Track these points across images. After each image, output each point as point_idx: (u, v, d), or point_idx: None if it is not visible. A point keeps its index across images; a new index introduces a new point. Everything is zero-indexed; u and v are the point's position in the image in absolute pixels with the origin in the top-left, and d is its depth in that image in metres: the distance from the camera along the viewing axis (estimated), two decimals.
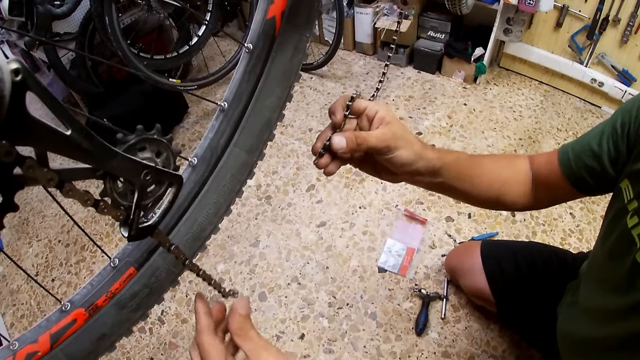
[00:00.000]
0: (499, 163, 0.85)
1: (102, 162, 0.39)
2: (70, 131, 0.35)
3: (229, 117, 0.67)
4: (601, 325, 0.76)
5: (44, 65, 2.31)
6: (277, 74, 0.68)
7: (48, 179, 0.36)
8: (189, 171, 0.68)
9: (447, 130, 2.19)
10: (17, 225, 2.03)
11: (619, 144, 0.71)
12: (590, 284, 0.87)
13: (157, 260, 0.66)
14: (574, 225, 1.72)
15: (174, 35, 2.55)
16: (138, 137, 0.43)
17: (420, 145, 0.67)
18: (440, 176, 0.72)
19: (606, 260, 0.78)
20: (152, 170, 0.43)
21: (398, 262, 1.63)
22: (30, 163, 0.34)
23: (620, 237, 0.71)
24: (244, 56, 0.66)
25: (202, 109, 2.53)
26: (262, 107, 0.69)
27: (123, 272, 0.63)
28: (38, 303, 1.71)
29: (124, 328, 0.67)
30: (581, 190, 0.80)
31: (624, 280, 0.69)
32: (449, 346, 1.41)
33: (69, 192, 0.38)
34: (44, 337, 0.56)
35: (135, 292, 0.65)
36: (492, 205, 0.87)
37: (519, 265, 1.22)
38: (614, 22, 2.02)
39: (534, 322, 1.16)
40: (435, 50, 2.49)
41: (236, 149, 0.69)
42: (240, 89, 0.66)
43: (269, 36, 0.64)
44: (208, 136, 0.68)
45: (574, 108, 2.32)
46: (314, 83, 2.63)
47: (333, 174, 0.65)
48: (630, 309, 0.68)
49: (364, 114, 0.64)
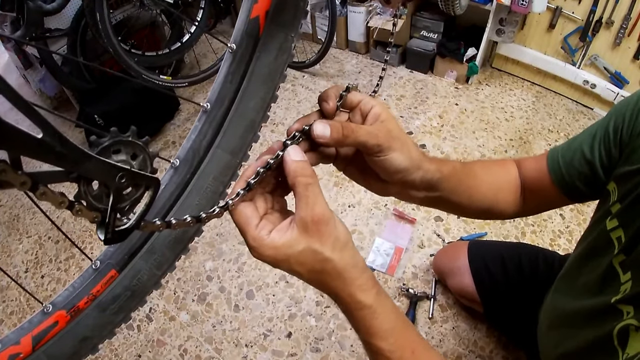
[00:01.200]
0: (490, 170, 0.80)
1: (75, 165, 0.38)
2: (42, 134, 0.34)
3: (211, 119, 0.66)
4: (573, 329, 0.75)
5: (36, 61, 2.30)
6: (261, 75, 0.67)
7: (21, 182, 0.35)
8: (171, 173, 0.67)
9: (438, 130, 2.20)
10: (7, 221, 2.03)
11: (611, 148, 0.69)
12: (564, 286, 0.86)
13: (139, 263, 0.66)
14: (563, 227, 1.73)
15: (166, 33, 2.54)
16: (112, 139, 0.42)
17: (418, 152, 0.58)
18: (437, 190, 0.63)
19: (581, 262, 0.77)
20: (127, 173, 0.43)
21: (386, 262, 1.63)
22: (3, 167, 0.33)
23: (598, 239, 0.71)
24: (227, 57, 0.65)
25: (194, 106, 2.52)
26: (246, 109, 0.68)
27: (104, 274, 0.63)
28: (27, 299, 1.70)
29: (106, 331, 0.67)
30: (573, 197, 0.77)
31: (597, 283, 0.69)
32: (436, 346, 1.42)
33: (43, 194, 0.38)
34: (26, 339, 0.56)
35: (117, 295, 0.65)
36: (481, 216, 0.81)
37: (506, 266, 1.22)
38: (607, 24, 2.03)
39: (520, 323, 1.16)
40: (428, 50, 2.49)
41: (219, 150, 0.68)
42: (223, 90, 0.65)
43: (252, 36, 0.63)
44: (190, 137, 0.67)
45: (565, 109, 2.32)
46: (305, 81, 2.63)
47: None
48: (597, 312, 0.67)
49: (357, 108, 0.56)
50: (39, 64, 2.30)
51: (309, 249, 0.49)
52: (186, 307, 1.59)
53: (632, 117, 0.66)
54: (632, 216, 0.63)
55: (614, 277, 0.65)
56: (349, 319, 0.54)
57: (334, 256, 0.50)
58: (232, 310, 1.56)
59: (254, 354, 1.44)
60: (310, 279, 0.51)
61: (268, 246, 0.49)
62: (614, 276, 0.65)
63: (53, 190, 0.39)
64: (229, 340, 1.48)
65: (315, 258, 0.49)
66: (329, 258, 0.50)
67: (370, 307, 0.51)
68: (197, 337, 1.50)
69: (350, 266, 0.51)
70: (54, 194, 0.39)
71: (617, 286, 0.64)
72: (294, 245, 0.49)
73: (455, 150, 2.08)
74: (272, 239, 0.49)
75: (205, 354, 1.46)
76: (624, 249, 0.64)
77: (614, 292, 0.64)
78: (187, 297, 1.61)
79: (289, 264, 0.49)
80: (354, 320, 0.53)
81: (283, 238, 0.49)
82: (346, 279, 0.51)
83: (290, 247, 0.49)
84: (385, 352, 0.51)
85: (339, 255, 0.50)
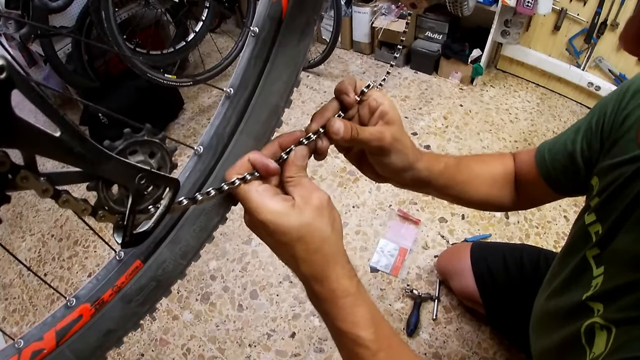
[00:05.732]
0: (486, 164, 0.82)
1: (94, 165, 0.37)
2: (59, 133, 0.33)
3: (235, 104, 0.65)
4: (550, 326, 0.74)
5: (41, 59, 2.30)
6: (284, 59, 0.65)
7: (43, 190, 0.34)
8: (195, 160, 0.66)
9: (442, 131, 2.19)
10: (10, 219, 2.02)
11: (593, 141, 0.69)
12: (547, 285, 0.85)
13: (164, 252, 0.66)
14: (567, 228, 1.73)
15: (171, 32, 2.54)
16: (127, 141, 0.41)
17: (413, 153, 0.62)
18: (426, 187, 0.69)
19: (562, 259, 0.77)
20: (147, 173, 0.42)
21: (390, 262, 1.63)
22: (24, 174, 0.32)
23: (577, 234, 0.71)
24: (249, 41, 0.63)
25: (198, 105, 2.52)
26: (270, 93, 0.66)
27: (129, 265, 0.63)
28: (30, 297, 1.70)
29: (130, 323, 0.66)
30: (557, 190, 0.78)
31: (570, 277, 0.68)
32: (439, 347, 1.42)
33: (65, 202, 0.37)
34: (50, 334, 0.55)
35: (142, 286, 0.64)
36: (480, 207, 0.85)
37: (508, 268, 1.21)
38: (612, 27, 2.02)
39: (521, 326, 1.16)
40: (433, 51, 2.49)
41: (243, 136, 0.67)
42: (246, 74, 0.63)
43: (275, 19, 0.62)
44: (214, 123, 0.66)
45: (570, 111, 2.32)
46: (310, 81, 2.63)
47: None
48: (568, 310, 0.67)
49: (366, 102, 0.59)
50: (43, 62, 2.30)
51: (312, 224, 0.48)
52: (189, 306, 1.58)
53: (613, 111, 0.66)
54: (610, 210, 0.63)
55: (586, 270, 0.65)
56: (326, 308, 0.52)
57: (332, 236, 0.50)
58: (235, 310, 1.56)
59: (258, 353, 1.44)
60: (301, 257, 0.49)
61: (268, 209, 0.48)
62: (586, 270, 0.65)
63: (76, 197, 0.38)
64: (232, 339, 1.48)
65: (316, 235, 0.49)
66: (328, 238, 0.49)
67: (354, 294, 0.50)
68: (201, 336, 1.50)
69: (342, 251, 0.51)
70: (77, 201, 0.38)
71: (588, 280, 0.63)
72: (297, 216, 0.48)
73: (459, 152, 2.08)
74: (275, 202, 0.48)
75: (208, 353, 1.45)
76: (599, 243, 0.64)
77: (585, 286, 0.63)
78: (190, 296, 1.61)
79: (283, 235, 0.48)
80: (336, 308, 0.51)
81: (286, 205, 0.48)
82: (337, 262, 0.50)
83: (292, 217, 0.48)
84: (367, 341, 0.50)
85: (336, 237, 0.50)
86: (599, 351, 0.56)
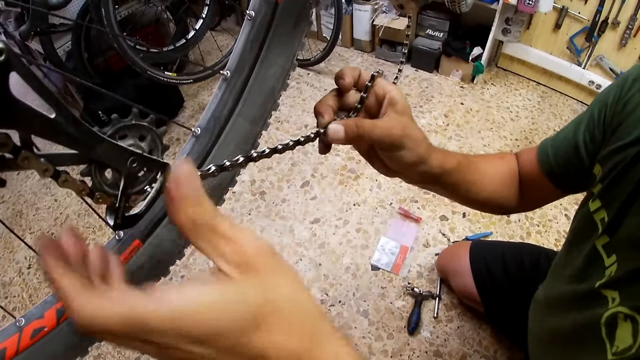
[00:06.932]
0: (492, 164, 0.80)
1: (87, 147, 0.38)
2: (54, 114, 0.34)
3: (231, 87, 0.66)
4: (557, 316, 0.74)
5: (40, 57, 2.29)
6: (280, 42, 0.66)
7: (44, 170, 0.36)
8: (193, 141, 0.67)
9: (443, 129, 2.19)
10: (10, 217, 2.02)
11: (595, 132, 0.68)
12: (552, 276, 0.84)
13: (162, 232, 0.66)
14: (568, 227, 1.72)
15: (171, 29, 2.53)
16: (114, 126, 0.42)
17: (425, 146, 0.59)
18: (437, 183, 0.65)
19: (567, 249, 0.76)
20: (139, 157, 0.42)
21: (391, 261, 1.63)
22: (26, 155, 0.33)
23: (582, 222, 0.69)
24: (246, 24, 0.64)
25: (198, 103, 2.52)
26: (266, 76, 0.67)
27: (128, 244, 0.63)
28: (30, 295, 1.70)
29: None
30: (561, 187, 0.76)
31: (581, 269, 0.67)
32: (440, 345, 1.41)
33: (65, 182, 0.38)
34: (50, 313, 0.56)
35: (141, 265, 0.65)
36: (484, 207, 0.82)
37: (507, 267, 1.21)
38: (613, 25, 2.02)
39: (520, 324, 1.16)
40: (433, 48, 2.48)
41: (240, 118, 0.68)
42: (242, 57, 0.64)
43: (270, 3, 0.62)
44: (211, 106, 0.67)
45: (571, 110, 2.32)
46: (310, 79, 2.62)
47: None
48: (581, 297, 0.66)
49: (372, 90, 0.56)
50: (42, 60, 2.29)
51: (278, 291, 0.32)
52: None
53: (614, 100, 0.65)
54: (614, 195, 0.61)
55: (598, 260, 0.63)
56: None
57: (311, 299, 0.35)
58: None
59: None
60: (275, 350, 0.31)
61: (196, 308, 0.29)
62: (597, 260, 0.63)
63: (74, 178, 0.39)
64: None
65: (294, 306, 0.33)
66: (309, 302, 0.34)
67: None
68: None
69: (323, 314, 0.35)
70: (75, 181, 0.39)
71: (601, 270, 0.62)
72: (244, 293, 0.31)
73: (460, 150, 2.07)
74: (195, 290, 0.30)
75: None
76: (607, 230, 0.62)
77: (598, 276, 0.62)
78: None
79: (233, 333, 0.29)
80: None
81: (215, 286, 0.31)
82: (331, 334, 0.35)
83: (235, 301, 0.30)
84: None
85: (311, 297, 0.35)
86: (624, 344, 0.54)
